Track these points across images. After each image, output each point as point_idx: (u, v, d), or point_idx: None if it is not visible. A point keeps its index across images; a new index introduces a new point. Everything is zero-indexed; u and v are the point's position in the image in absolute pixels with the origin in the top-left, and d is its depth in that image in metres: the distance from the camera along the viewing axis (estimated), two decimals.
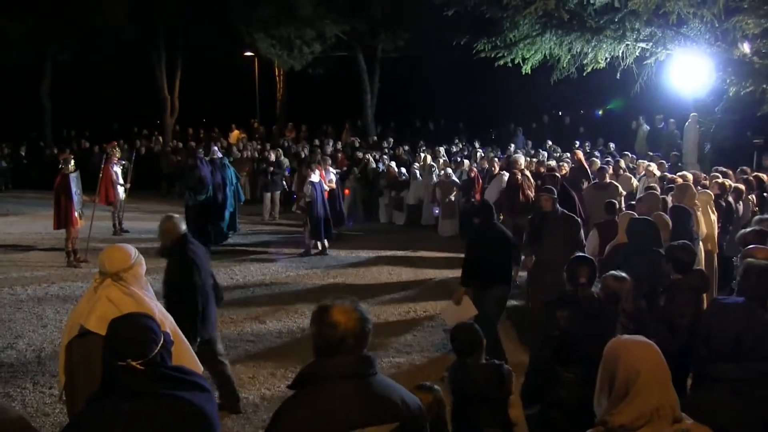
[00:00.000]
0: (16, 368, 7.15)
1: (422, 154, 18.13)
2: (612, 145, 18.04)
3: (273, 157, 18.62)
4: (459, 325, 4.52)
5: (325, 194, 12.95)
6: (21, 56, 25.95)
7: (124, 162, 15.39)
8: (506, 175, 12.46)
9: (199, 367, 4.01)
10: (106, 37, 25.39)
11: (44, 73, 29.66)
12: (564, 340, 4.12)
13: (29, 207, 19.77)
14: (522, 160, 13.78)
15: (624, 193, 11.04)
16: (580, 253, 5.67)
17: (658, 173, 12.26)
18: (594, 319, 4.13)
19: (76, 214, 11.90)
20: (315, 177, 12.80)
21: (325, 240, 12.93)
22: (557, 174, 11.76)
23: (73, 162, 12.25)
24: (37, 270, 11.65)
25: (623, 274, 4.50)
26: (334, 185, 13.95)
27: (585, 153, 17.48)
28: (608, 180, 11.12)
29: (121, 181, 14.72)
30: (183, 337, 3.97)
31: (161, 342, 2.60)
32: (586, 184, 11.81)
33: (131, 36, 25.70)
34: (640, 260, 5.54)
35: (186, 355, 3.91)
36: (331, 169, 14.53)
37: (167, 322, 3.88)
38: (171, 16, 24.94)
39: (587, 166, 13.16)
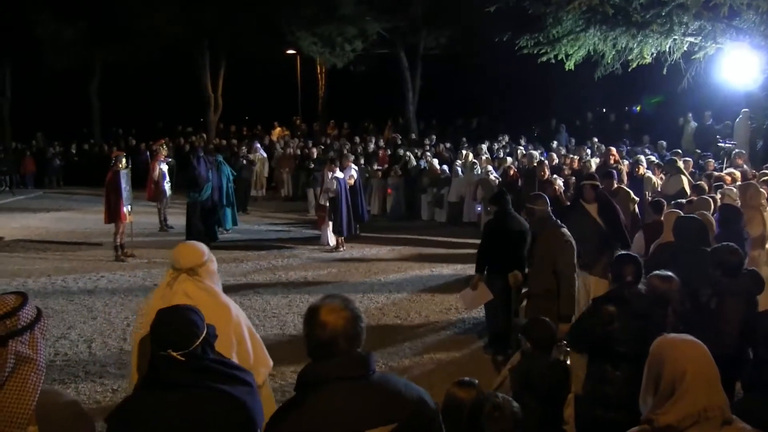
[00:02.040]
0: (69, 357, 7.36)
1: (464, 152, 18.05)
2: (664, 144, 17.59)
3: (315, 154, 18.75)
4: (535, 320, 4.49)
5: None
6: (73, 58, 26.74)
7: (170, 159, 15.64)
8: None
9: (269, 364, 4.01)
10: (152, 38, 25.91)
11: (94, 73, 30.45)
12: (610, 338, 4.09)
13: (79, 203, 20.33)
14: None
15: (636, 199, 10.26)
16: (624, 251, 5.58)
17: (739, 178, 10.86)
18: (641, 318, 4.08)
19: (124, 210, 12.17)
20: (339, 173, 12.87)
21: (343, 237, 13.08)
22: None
23: (125, 159, 12.52)
24: (87, 263, 11.97)
25: (669, 274, 4.43)
26: (354, 182, 13.90)
27: (627, 151, 17.26)
28: (615, 186, 9.75)
29: (167, 178, 14.97)
30: (256, 333, 4.00)
31: (203, 335, 2.64)
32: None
33: (176, 36, 26.16)
34: (687, 259, 5.42)
35: (258, 352, 3.92)
36: (352, 165, 14.47)
37: (242, 318, 3.90)
38: (215, 16, 25.30)
39: (619, 166, 12.75)
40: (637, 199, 10.38)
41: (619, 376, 4.03)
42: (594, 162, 14.09)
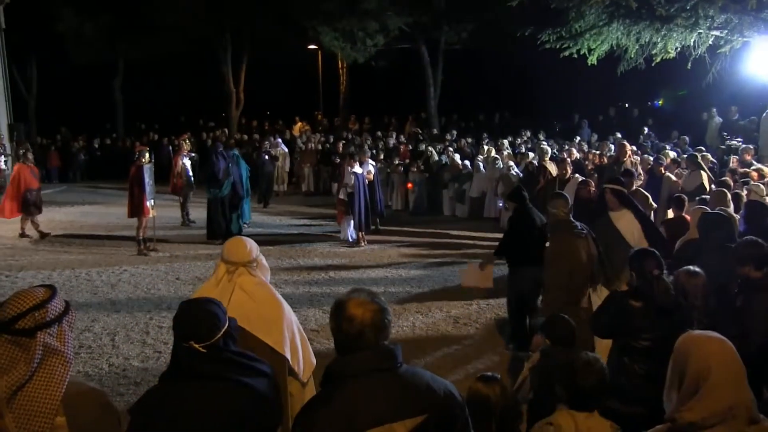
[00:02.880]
0: (93, 350, 7.45)
1: (485, 147, 17.98)
2: (686, 139, 17.39)
3: (340, 149, 18.80)
4: (554, 318, 4.48)
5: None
6: (96, 54, 27.09)
7: (193, 154, 15.74)
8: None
9: (314, 362, 4.01)
10: (175, 34, 26.13)
11: (117, 69, 30.80)
12: (632, 332, 4.06)
13: (103, 197, 20.56)
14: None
15: (654, 206, 9.95)
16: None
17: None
18: (666, 314, 4.04)
19: (147, 204, 12.29)
20: (357, 168, 12.88)
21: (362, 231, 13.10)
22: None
23: (148, 154, 12.63)
24: (111, 257, 12.10)
25: (697, 269, 4.40)
26: (372, 177, 13.87)
27: (652, 146, 17.09)
28: (633, 186, 9.50)
29: (190, 172, 15.06)
30: (303, 332, 3.98)
31: (225, 327, 2.67)
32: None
33: (198, 32, 26.35)
34: (712, 256, 5.37)
35: (305, 350, 3.92)
36: (370, 161, 14.44)
37: (293, 315, 3.91)
38: (237, 12, 25.44)
39: (631, 161, 12.55)
40: (654, 205, 10.07)
41: (637, 371, 4.01)
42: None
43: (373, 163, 14.74)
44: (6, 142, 21.92)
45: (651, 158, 12.99)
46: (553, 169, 12.97)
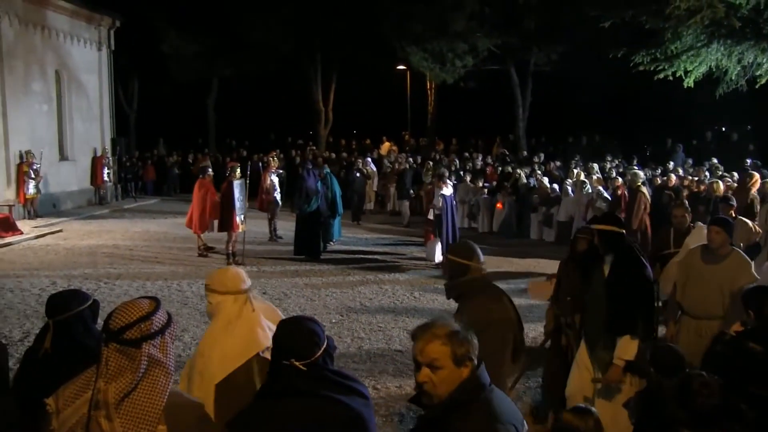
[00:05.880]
0: (182, 359, 7.64)
1: (575, 170, 17.63)
2: None
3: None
4: (660, 346, 4.27)
5: None
6: (194, 72, 28.32)
7: (281, 171, 16.08)
8: None
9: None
10: (267, 53, 26.99)
11: (211, 87, 31.99)
12: (749, 377, 3.82)
13: None
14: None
15: (760, 231, 8.63)
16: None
17: None
18: None
19: (237, 219, 12.65)
20: (446, 190, 12.83)
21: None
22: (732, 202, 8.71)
23: (239, 170, 13.01)
24: (201, 268, 12.46)
25: None
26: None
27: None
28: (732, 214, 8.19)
29: (277, 189, 15.38)
30: None
31: (324, 346, 2.70)
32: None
33: (289, 51, 27.10)
34: None
35: None
36: (448, 182, 14.31)
37: None
38: (327, 32, 26.02)
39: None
40: (760, 231, 8.73)
41: (752, 416, 3.79)
42: (722, 184, 12.61)
43: (451, 184, 14.69)
44: (109, 155, 23.10)
45: None
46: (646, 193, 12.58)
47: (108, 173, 22.82)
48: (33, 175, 18.03)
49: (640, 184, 13.18)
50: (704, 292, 5.49)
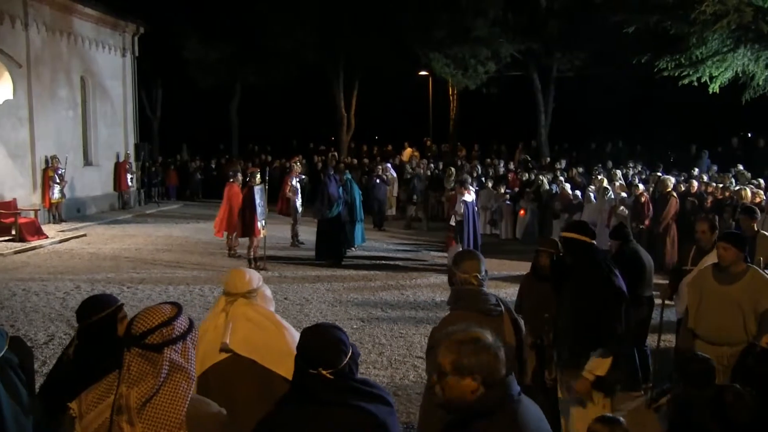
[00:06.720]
0: None
1: (598, 176, 17.48)
2: None
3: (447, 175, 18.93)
4: (689, 355, 4.19)
5: None
6: (217, 78, 28.59)
7: (303, 176, 16.11)
8: None
9: None
10: (289, 60, 27.15)
11: (234, 93, 32.23)
12: None
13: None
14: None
15: None
16: None
17: None
18: None
19: (258, 224, 12.70)
20: (468, 196, 12.78)
21: None
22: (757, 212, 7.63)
23: (259, 176, 13.07)
24: (222, 274, 12.43)
25: None
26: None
27: None
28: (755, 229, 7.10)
29: (299, 194, 15.41)
30: None
31: (350, 354, 2.69)
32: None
33: (312, 58, 27.23)
34: None
35: None
36: (470, 188, 14.25)
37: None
38: (349, 38, 26.11)
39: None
40: None
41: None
42: (749, 191, 12.25)
43: (474, 190, 14.62)
44: (132, 160, 23.33)
45: None
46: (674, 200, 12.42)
47: (131, 178, 23.05)
48: (58, 180, 18.27)
49: (670, 188, 13.03)
50: (720, 316, 5.00)
